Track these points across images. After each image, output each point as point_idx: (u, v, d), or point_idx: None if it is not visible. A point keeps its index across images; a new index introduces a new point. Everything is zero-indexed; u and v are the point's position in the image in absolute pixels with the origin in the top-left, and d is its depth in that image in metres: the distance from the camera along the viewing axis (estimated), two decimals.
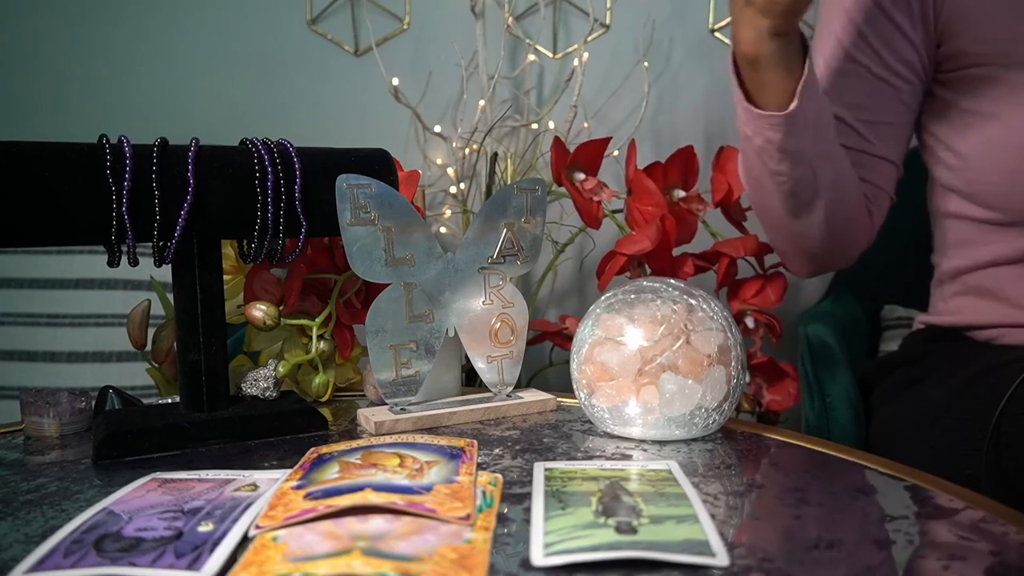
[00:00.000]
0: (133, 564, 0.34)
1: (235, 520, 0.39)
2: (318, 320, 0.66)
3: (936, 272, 0.83)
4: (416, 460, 0.48)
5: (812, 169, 0.69)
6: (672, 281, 0.58)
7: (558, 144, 0.82)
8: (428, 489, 0.43)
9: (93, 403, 0.61)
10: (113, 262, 0.55)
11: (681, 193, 0.85)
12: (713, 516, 0.41)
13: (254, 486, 0.45)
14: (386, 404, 0.61)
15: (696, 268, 0.85)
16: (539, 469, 0.48)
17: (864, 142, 0.76)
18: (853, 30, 0.75)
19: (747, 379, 0.85)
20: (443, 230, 1.23)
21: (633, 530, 0.38)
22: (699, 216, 0.86)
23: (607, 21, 1.28)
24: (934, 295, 0.84)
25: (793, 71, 0.65)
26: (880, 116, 0.76)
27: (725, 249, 0.84)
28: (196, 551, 0.36)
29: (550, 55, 1.29)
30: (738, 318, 0.85)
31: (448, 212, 1.23)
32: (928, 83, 0.77)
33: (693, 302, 0.56)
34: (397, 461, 0.48)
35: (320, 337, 0.66)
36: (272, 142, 0.58)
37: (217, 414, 0.57)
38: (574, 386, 0.59)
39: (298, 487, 0.43)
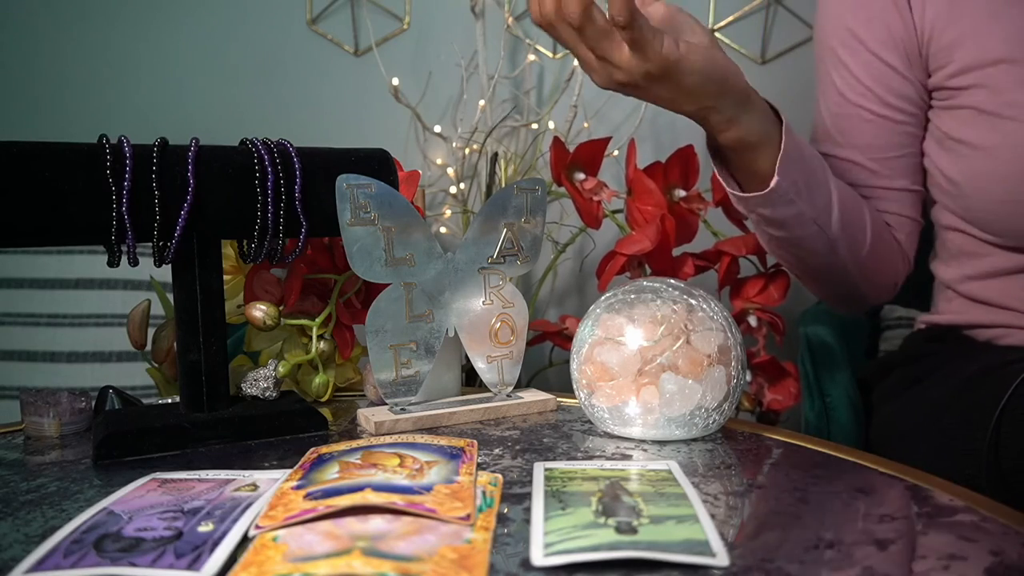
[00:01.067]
0: (133, 564, 0.34)
1: (235, 520, 0.39)
2: (318, 320, 0.66)
3: (936, 279, 0.83)
4: (416, 460, 0.48)
5: (817, 225, 0.69)
6: (672, 281, 0.58)
7: (558, 144, 0.82)
8: (428, 489, 0.43)
9: (93, 403, 0.61)
10: (113, 262, 0.55)
11: (681, 192, 0.85)
12: (713, 516, 0.41)
13: (254, 486, 0.45)
14: (386, 404, 0.61)
15: (697, 268, 0.85)
16: (539, 469, 0.48)
17: (880, 178, 0.78)
18: (848, 76, 0.77)
19: (748, 379, 0.85)
20: (443, 230, 1.23)
21: (633, 530, 0.38)
22: (700, 215, 0.86)
23: None
24: (935, 297, 0.84)
25: (767, 146, 0.64)
26: (889, 152, 0.77)
27: (726, 248, 0.84)
28: (196, 551, 0.36)
29: (550, 55, 1.29)
30: (741, 317, 0.85)
31: (448, 212, 1.23)
32: (928, 110, 0.78)
33: (693, 302, 0.56)
34: (397, 461, 0.48)
35: (320, 337, 0.66)
36: (272, 142, 0.58)
37: (217, 414, 0.57)
38: (574, 386, 0.59)
39: (298, 487, 0.43)
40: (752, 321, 0.85)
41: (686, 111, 0.61)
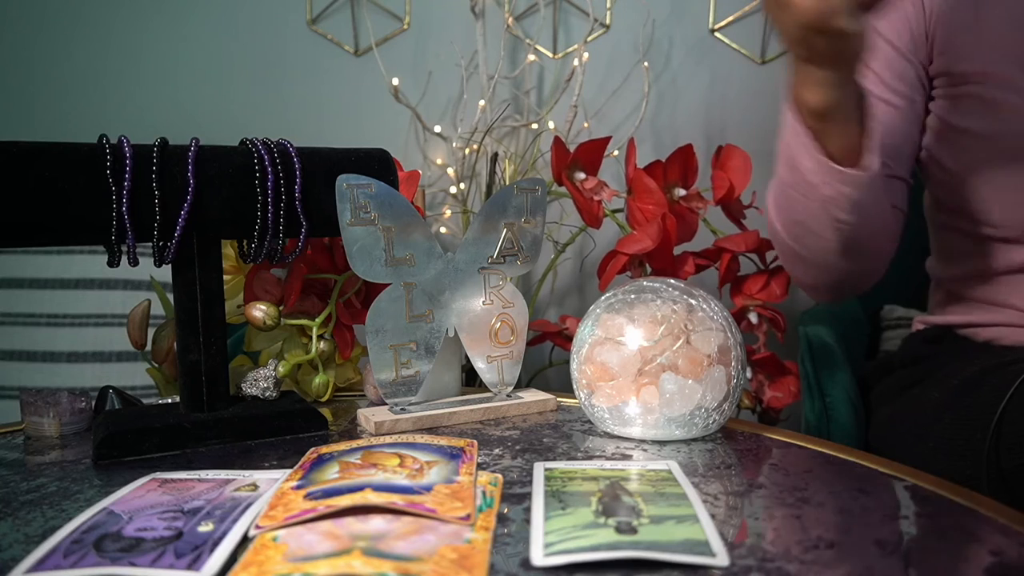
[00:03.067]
0: (133, 564, 0.34)
1: (235, 520, 0.39)
2: (318, 320, 0.66)
3: (933, 279, 0.83)
4: (416, 460, 0.48)
5: (872, 216, 0.69)
6: (672, 281, 0.58)
7: (558, 144, 0.82)
8: (428, 489, 0.43)
9: (93, 403, 0.61)
10: (113, 262, 0.55)
11: (681, 191, 0.85)
12: (713, 516, 0.41)
13: (254, 486, 0.45)
14: (386, 404, 0.61)
15: (697, 267, 0.85)
16: (539, 469, 0.48)
17: None
18: None
19: (748, 377, 0.85)
20: (443, 230, 1.23)
21: (633, 530, 0.38)
22: (699, 214, 0.86)
23: (607, 21, 1.28)
24: (932, 298, 0.84)
25: (856, 121, 0.64)
26: (887, 138, 0.75)
27: (726, 245, 0.84)
28: (196, 551, 0.36)
29: (550, 55, 1.29)
30: (742, 314, 0.85)
31: (448, 212, 1.23)
32: (928, 99, 0.77)
33: (693, 302, 0.55)
34: (397, 461, 0.48)
35: (320, 337, 0.66)
36: (272, 142, 0.58)
37: (217, 414, 0.57)
38: (574, 386, 0.59)
39: (298, 487, 0.43)
40: (753, 318, 0.85)
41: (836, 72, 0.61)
